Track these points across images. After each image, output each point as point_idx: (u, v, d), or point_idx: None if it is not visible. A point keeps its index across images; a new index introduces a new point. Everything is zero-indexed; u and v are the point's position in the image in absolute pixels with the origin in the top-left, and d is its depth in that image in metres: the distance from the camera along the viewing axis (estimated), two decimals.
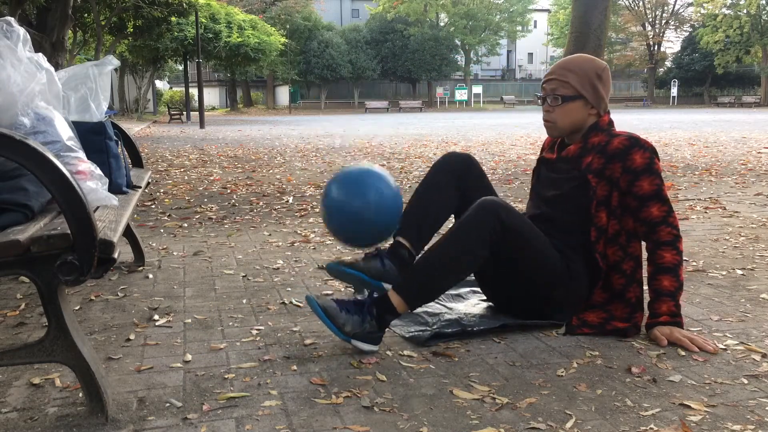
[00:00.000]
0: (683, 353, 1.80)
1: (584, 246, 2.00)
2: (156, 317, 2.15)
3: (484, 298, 2.29)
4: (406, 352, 1.84)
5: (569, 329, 1.97)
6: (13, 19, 1.73)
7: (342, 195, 1.87)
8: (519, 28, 48.60)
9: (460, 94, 44.51)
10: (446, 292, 2.31)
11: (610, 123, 2.04)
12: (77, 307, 2.27)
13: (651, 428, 1.39)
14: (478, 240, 1.83)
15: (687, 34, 49.54)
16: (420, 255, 1.94)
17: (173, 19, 21.23)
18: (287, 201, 4.85)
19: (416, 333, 1.95)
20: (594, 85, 1.99)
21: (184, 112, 25.36)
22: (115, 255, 1.39)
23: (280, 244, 3.33)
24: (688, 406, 1.49)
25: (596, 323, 1.96)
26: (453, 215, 2.13)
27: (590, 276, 2.00)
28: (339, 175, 1.92)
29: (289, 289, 2.50)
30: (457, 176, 2.08)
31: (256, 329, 2.04)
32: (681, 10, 50.16)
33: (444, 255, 1.85)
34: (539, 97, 2.08)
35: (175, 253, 3.12)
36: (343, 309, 1.83)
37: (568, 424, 1.41)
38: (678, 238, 1.93)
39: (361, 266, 1.92)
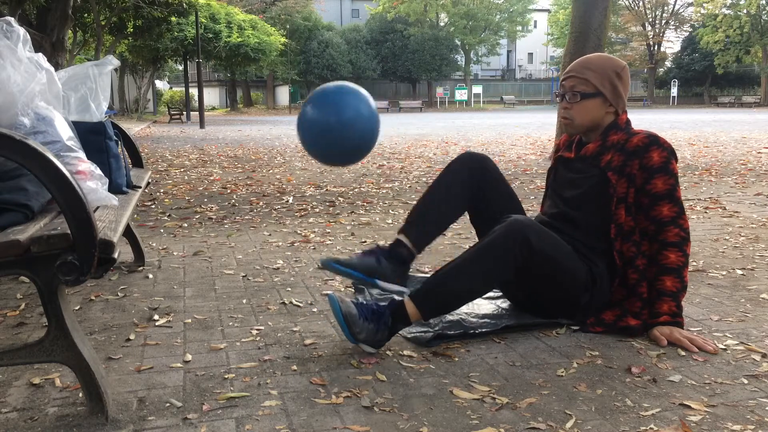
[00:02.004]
0: (683, 353, 1.80)
1: (606, 248, 2.00)
2: (156, 317, 2.15)
3: (487, 296, 2.28)
4: (406, 352, 1.84)
5: (583, 327, 1.98)
6: (13, 19, 1.73)
7: (317, 113, 1.81)
8: (519, 28, 48.56)
9: (460, 94, 44.45)
10: None
11: (628, 122, 2.05)
12: (77, 307, 2.27)
13: (651, 428, 1.39)
14: (502, 264, 1.82)
15: (687, 34, 49.50)
16: (442, 267, 1.90)
17: (173, 19, 21.25)
18: (287, 201, 4.85)
19: (418, 334, 1.95)
20: (613, 83, 1.99)
21: (184, 112, 25.35)
22: (115, 255, 1.39)
23: (280, 244, 3.33)
24: (688, 406, 1.49)
25: (610, 321, 1.96)
26: (467, 213, 2.14)
27: (611, 275, 2.01)
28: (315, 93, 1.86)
29: (289, 289, 2.50)
30: (471, 177, 2.08)
31: (256, 329, 2.04)
32: (681, 10, 50.14)
33: (465, 273, 1.83)
34: (558, 94, 2.08)
35: (175, 253, 3.12)
36: (362, 316, 1.81)
37: (568, 424, 1.41)
38: (685, 240, 1.93)
39: (355, 263, 1.93)
